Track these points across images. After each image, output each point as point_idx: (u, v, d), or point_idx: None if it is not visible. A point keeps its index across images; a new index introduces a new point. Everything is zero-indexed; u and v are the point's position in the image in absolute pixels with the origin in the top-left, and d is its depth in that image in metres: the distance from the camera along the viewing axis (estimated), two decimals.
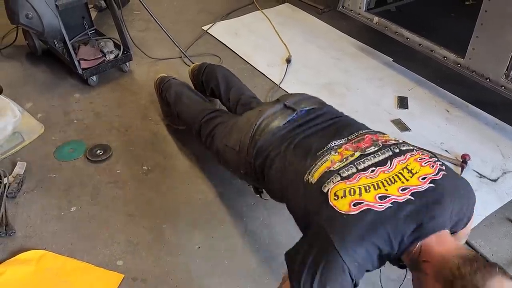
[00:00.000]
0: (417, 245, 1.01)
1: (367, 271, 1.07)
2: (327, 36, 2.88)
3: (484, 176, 1.91)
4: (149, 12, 2.41)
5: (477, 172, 1.93)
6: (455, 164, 1.95)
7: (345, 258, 1.00)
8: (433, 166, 1.12)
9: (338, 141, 1.25)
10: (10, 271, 1.48)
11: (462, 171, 1.91)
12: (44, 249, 1.57)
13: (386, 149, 1.18)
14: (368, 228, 1.01)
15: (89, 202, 1.75)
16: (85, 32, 2.53)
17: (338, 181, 1.10)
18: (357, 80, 2.47)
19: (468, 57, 2.01)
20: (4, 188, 1.73)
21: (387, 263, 1.12)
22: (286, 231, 1.66)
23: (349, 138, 1.27)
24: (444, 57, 2.15)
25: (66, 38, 2.17)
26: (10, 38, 2.62)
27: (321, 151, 1.23)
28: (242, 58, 2.64)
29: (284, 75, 2.48)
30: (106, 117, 2.18)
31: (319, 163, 1.19)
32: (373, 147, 1.19)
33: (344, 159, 1.17)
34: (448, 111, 2.26)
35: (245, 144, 1.44)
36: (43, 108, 2.21)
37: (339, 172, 1.13)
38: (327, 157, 1.19)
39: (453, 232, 1.13)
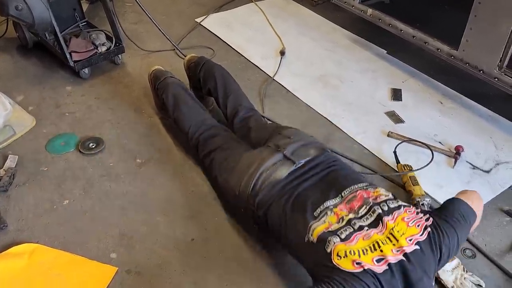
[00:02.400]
0: None
1: None
2: (321, 28, 2.87)
3: (477, 168, 1.92)
4: (140, 6, 2.38)
5: (470, 163, 1.94)
6: (448, 156, 1.96)
7: None
8: (418, 225, 1.23)
9: (333, 200, 1.34)
10: (2, 265, 1.47)
11: (455, 162, 1.92)
12: (37, 243, 1.55)
13: (376, 207, 1.28)
14: (371, 285, 1.11)
15: (82, 196, 1.74)
16: (77, 24, 2.50)
17: (338, 242, 1.20)
18: (351, 72, 2.47)
19: (462, 49, 2.01)
20: None
21: None
22: None
23: (343, 195, 1.35)
24: (438, 49, 2.15)
25: (57, 30, 2.14)
26: (1, 30, 2.59)
27: (318, 211, 1.31)
28: (236, 51, 2.62)
29: (278, 68, 2.47)
30: (98, 110, 2.16)
31: (318, 223, 1.28)
32: (365, 206, 1.29)
33: (340, 220, 1.27)
34: (441, 103, 2.27)
35: (245, 192, 1.48)
36: (35, 101, 2.19)
37: (337, 233, 1.23)
38: (324, 218, 1.29)
39: None
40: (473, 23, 1.96)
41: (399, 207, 1.28)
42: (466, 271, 1.49)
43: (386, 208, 1.28)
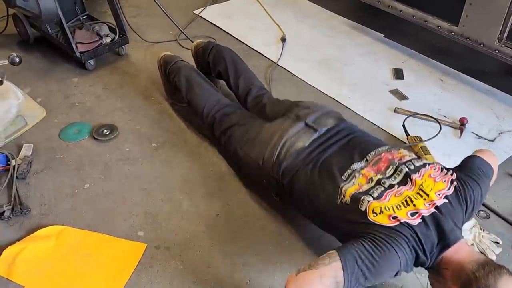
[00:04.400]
0: (441, 255, 1.17)
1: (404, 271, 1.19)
2: (318, 16, 2.93)
3: (482, 137, 1.99)
4: None
5: (475, 133, 2.01)
6: (454, 128, 2.03)
7: (400, 255, 1.12)
8: (445, 180, 1.28)
9: (359, 163, 1.37)
10: (30, 247, 1.47)
11: (461, 133, 1.99)
12: (63, 225, 1.56)
13: (403, 166, 1.32)
14: (410, 237, 1.15)
15: (102, 179, 1.75)
16: (78, 17, 2.50)
17: (371, 201, 1.23)
18: (351, 56, 2.53)
19: (462, 24, 2.09)
20: (13, 170, 1.71)
21: None
22: None
23: (368, 159, 1.38)
24: (438, 26, 2.23)
25: (63, 21, 2.14)
26: None
27: (346, 174, 1.35)
28: (237, 39, 2.66)
29: (281, 53, 2.51)
30: (108, 99, 2.17)
31: (348, 185, 1.31)
32: (391, 167, 1.33)
33: (369, 180, 1.31)
34: (442, 80, 2.35)
35: (269, 161, 1.51)
36: (42, 93, 2.18)
37: (369, 193, 1.26)
38: (353, 180, 1.32)
39: None
40: None
41: (424, 165, 1.33)
42: (483, 230, 1.56)
43: (412, 167, 1.32)
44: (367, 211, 1.21)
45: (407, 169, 1.31)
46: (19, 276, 1.39)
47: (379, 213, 1.19)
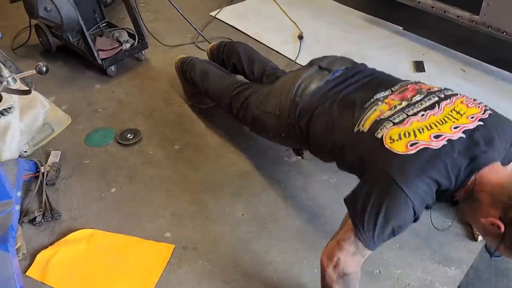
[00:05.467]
0: (472, 178, 1.06)
1: (426, 207, 1.11)
2: (334, 12, 2.91)
3: None
4: None
5: None
6: None
7: (408, 192, 1.04)
8: (479, 106, 1.18)
9: (383, 93, 1.29)
10: (62, 251, 1.51)
11: None
12: (92, 228, 1.59)
13: (432, 95, 1.23)
14: (427, 164, 1.06)
15: (127, 183, 1.78)
16: (98, 25, 2.55)
17: (391, 127, 1.14)
18: (370, 50, 2.51)
19: (483, 13, 2.06)
20: (43, 177, 1.76)
21: None
22: (324, 192, 1.70)
23: (393, 89, 1.30)
24: (458, 16, 2.19)
25: (84, 29, 2.19)
26: (22, 38, 2.64)
27: (367, 103, 1.26)
28: (254, 39, 2.67)
29: (299, 51, 2.51)
30: (129, 103, 2.21)
31: (368, 113, 1.22)
32: (419, 95, 1.24)
33: (393, 108, 1.21)
34: (464, 71, 2.31)
35: (285, 107, 1.46)
36: (66, 101, 2.23)
37: (390, 119, 1.17)
38: (375, 107, 1.23)
39: None
40: None
41: (456, 94, 1.23)
42: None
43: (442, 95, 1.21)
44: (384, 138, 1.12)
45: (437, 98, 1.21)
46: (52, 279, 1.44)
47: (397, 140, 1.10)
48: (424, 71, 2.31)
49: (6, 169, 1.60)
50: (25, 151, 1.87)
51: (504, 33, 2.02)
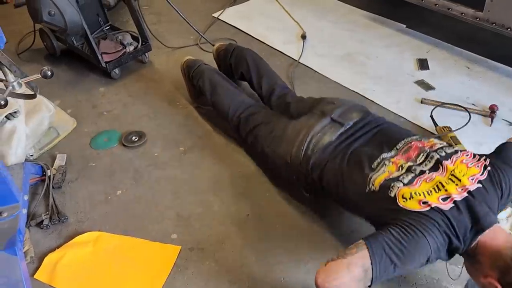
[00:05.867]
0: (475, 242, 1.14)
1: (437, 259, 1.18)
2: (337, 11, 2.91)
3: None
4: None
5: (506, 120, 1.96)
6: (484, 115, 1.98)
7: (430, 240, 1.10)
8: (478, 166, 1.25)
9: (388, 153, 1.36)
10: (69, 254, 1.51)
11: (492, 121, 1.94)
12: (99, 231, 1.60)
13: (434, 153, 1.30)
14: (440, 221, 1.12)
15: (133, 185, 1.79)
16: (101, 28, 2.56)
17: (402, 187, 1.22)
18: (374, 49, 2.50)
19: (487, 9, 2.05)
20: (49, 180, 1.77)
21: None
22: None
23: (397, 148, 1.37)
24: (462, 13, 2.18)
25: (88, 32, 2.20)
26: (26, 43, 2.66)
27: (375, 163, 1.33)
28: (258, 39, 2.67)
29: (302, 51, 2.51)
30: (134, 106, 2.22)
31: (378, 174, 1.29)
32: (422, 154, 1.32)
33: (400, 168, 1.29)
34: (468, 68, 2.30)
35: (297, 158, 1.51)
36: (71, 104, 2.24)
37: (399, 179, 1.25)
38: (383, 168, 1.31)
39: None
40: None
41: (456, 152, 1.31)
42: None
43: (443, 154, 1.29)
44: (397, 197, 1.20)
45: (438, 156, 1.29)
46: (60, 282, 1.44)
47: (409, 199, 1.18)
48: (428, 68, 2.30)
49: (13, 173, 1.61)
50: (31, 155, 1.88)
51: (509, 29, 2.01)
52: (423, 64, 2.33)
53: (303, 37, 2.62)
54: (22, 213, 1.51)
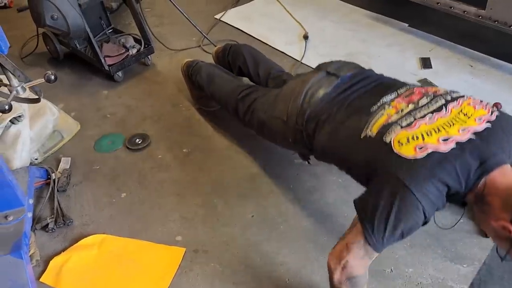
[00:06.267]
0: (482, 181, 1.05)
1: (436, 210, 1.10)
2: (340, 11, 2.91)
3: None
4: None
5: None
6: None
7: (418, 195, 1.03)
8: (485, 108, 1.17)
9: (389, 96, 1.28)
10: (75, 257, 1.52)
11: None
12: (104, 233, 1.61)
13: (439, 97, 1.21)
14: (436, 167, 1.05)
15: (137, 187, 1.79)
16: (104, 31, 2.57)
17: (399, 130, 1.13)
18: (376, 48, 2.50)
19: (489, 7, 2.04)
20: (54, 183, 1.78)
21: None
22: (333, 192, 1.70)
23: (399, 92, 1.29)
24: (464, 11, 2.18)
25: (91, 36, 2.21)
26: (30, 47, 2.67)
27: (374, 107, 1.26)
28: (260, 40, 2.67)
29: (304, 51, 2.51)
30: (137, 108, 2.22)
31: (376, 118, 1.21)
32: (425, 98, 1.23)
33: (400, 111, 1.20)
34: (471, 66, 2.29)
35: (293, 113, 1.46)
36: (75, 107, 2.25)
37: (398, 123, 1.16)
38: (382, 111, 1.22)
39: None
40: None
41: (462, 96, 1.23)
42: None
43: (449, 98, 1.20)
44: (392, 142, 1.11)
45: (443, 100, 1.19)
46: (66, 284, 1.45)
47: (405, 143, 1.09)
48: (431, 67, 2.30)
49: (18, 177, 1.62)
50: (36, 159, 1.90)
51: (511, 27, 2.01)
52: (426, 63, 2.32)
53: (305, 37, 2.62)
54: (27, 216, 1.52)
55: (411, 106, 1.21)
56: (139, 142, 1.99)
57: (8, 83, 1.34)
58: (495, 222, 1.02)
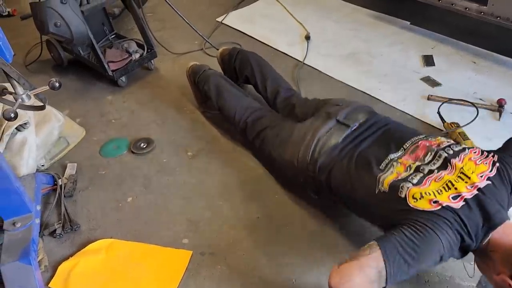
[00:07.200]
0: (487, 239, 1.14)
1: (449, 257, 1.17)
2: (341, 11, 2.91)
3: None
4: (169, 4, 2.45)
5: None
6: (492, 110, 1.97)
7: (442, 238, 1.10)
8: (486, 163, 1.25)
9: (396, 154, 1.36)
10: (83, 262, 1.53)
11: (500, 115, 1.93)
12: (111, 238, 1.62)
13: (442, 152, 1.30)
14: (452, 219, 1.12)
15: (143, 192, 1.80)
16: (107, 37, 2.59)
17: (411, 187, 1.22)
18: (379, 47, 2.50)
19: (491, 3, 2.04)
20: (61, 189, 1.79)
21: None
22: None
23: (405, 148, 1.36)
24: (466, 8, 2.17)
25: (94, 42, 2.23)
26: (33, 54, 2.69)
27: (383, 164, 1.33)
28: (262, 42, 2.68)
29: (307, 52, 2.51)
30: (141, 113, 2.24)
31: (386, 175, 1.29)
32: (430, 153, 1.32)
33: (408, 168, 1.29)
34: (474, 63, 2.28)
35: (304, 161, 1.52)
36: (80, 113, 2.27)
37: (408, 180, 1.24)
38: (392, 169, 1.31)
39: None
40: None
41: (463, 149, 1.30)
42: None
43: (451, 152, 1.29)
44: (407, 197, 1.19)
45: (446, 154, 1.28)
46: None
47: (420, 198, 1.17)
48: (434, 65, 2.29)
49: (25, 184, 1.64)
50: (42, 165, 1.91)
51: None
52: (428, 60, 2.32)
53: (307, 38, 2.62)
54: (35, 223, 1.54)
55: (417, 163, 1.30)
56: (144, 146, 2.00)
57: (13, 91, 1.35)
58: (496, 276, 1.13)
